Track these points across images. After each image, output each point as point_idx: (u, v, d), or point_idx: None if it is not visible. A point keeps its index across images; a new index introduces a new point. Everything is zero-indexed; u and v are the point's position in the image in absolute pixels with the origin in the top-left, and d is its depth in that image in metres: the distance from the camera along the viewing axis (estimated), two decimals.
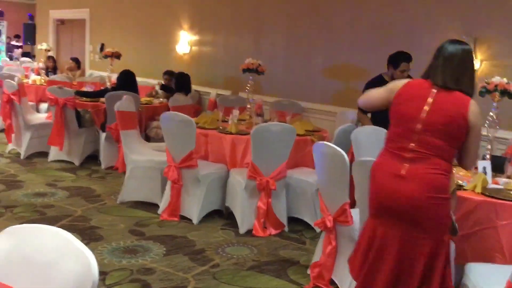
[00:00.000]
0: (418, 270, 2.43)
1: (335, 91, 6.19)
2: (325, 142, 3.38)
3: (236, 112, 5.05)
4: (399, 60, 4.62)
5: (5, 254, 1.40)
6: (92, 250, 3.63)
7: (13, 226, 1.42)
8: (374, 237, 2.55)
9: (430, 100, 2.45)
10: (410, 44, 5.43)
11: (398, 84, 2.63)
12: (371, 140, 4.27)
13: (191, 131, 4.34)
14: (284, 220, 4.41)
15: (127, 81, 6.33)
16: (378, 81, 4.57)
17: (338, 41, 6.14)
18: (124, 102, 5.12)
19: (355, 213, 3.17)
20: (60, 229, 1.35)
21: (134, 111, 5.32)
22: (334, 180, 3.22)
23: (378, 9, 5.73)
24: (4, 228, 1.37)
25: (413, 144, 2.44)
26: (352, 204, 3.24)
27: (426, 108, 2.44)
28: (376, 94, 2.74)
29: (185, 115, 4.44)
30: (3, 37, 17.41)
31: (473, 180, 3.25)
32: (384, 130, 4.35)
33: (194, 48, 8.31)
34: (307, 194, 4.46)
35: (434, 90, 2.47)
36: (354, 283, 3.00)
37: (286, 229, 4.39)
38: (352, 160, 3.60)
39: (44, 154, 6.37)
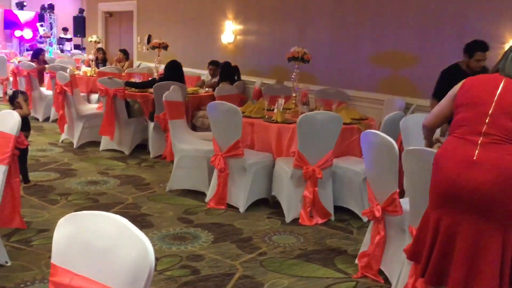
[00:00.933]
0: (492, 262, 2.34)
1: (382, 79, 6.07)
2: (373, 131, 3.33)
3: (281, 101, 5.04)
4: (474, 49, 4.45)
5: (66, 240, 1.47)
6: None
7: (73, 213, 1.48)
8: (439, 229, 2.47)
9: (501, 84, 2.44)
10: (460, 29, 5.26)
11: (457, 85, 2.62)
12: (420, 129, 4.17)
13: (237, 120, 4.37)
14: (331, 209, 4.39)
15: (174, 71, 6.43)
16: (454, 70, 4.50)
17: (385, 28, 6.01)
18: (172, 92, 5.20)
19: (404, 202, 3.11)
20: (118, 216, 1.40)
21: (181, 101, 5.41)
22: (383, 169, 3.17)
23: None
24: (60, 215, 1.43)
25: (485, 127, 2.38)
26: (401, 194, 3.18)
27: (497, 91, 2.42)
28: (442, 105, 2.72)
29: (231, 104, 4.47)
30: (54, 30, 18.01)
31: None
32: None
33: (238, 37, 8.33)
34: (354, 183, 4.42)
35: (502, 78, 2.46)
36: (403, 274, 2.97)
37: (332, 218, 4.37)
38: (400, 148, 3.53)
39: (96, 144, 6.59)
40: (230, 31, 8.38)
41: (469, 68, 4.47)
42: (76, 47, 17.69)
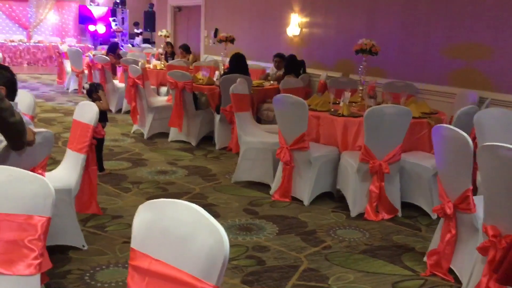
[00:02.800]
0: None
1: (454, 71, 5.84)
2: (446, 125, 3.23)
3: (347, 94, 4.98)
4: None
5: (146, 226, 1.54)
6: None
7: (152, 200, 1.56)
8: None
9: None
10: None
11: None
12: (498, 124, 4.01)
13: (303, 113, 4.36)
14: (398, 205, 4.30)
15: (238, 64, 6.51)
16: None
17: (459, 18, 5.76)
18: (238, 85, 5.28)
19: (478, 200, 3.00)
20: (195, 205, 1.46)
21: (247, 94, 5.47)
22: (455, 165, 3.07)
23: None
24: (132, 203, 1.50)
25: None
26: (474, 191, 3.06)
27: None
28: None
29: (298, 97, 4.47)
30: (127, 24, 18.72)
31: None
32: None
33: (304, 30, 8.29)
34: (423, 179, 4.30)
35: None
36: (475, 273, 2.87)
37: (399, 214, 4.28)
38: (474, 144, 3.39)
39: (165, 135, 6.81)
40: (295, 24, 8.36)
41: None
42: (146, 41, 18.31)
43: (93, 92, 5.15)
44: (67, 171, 3.37)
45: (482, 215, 2.85)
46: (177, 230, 1.45)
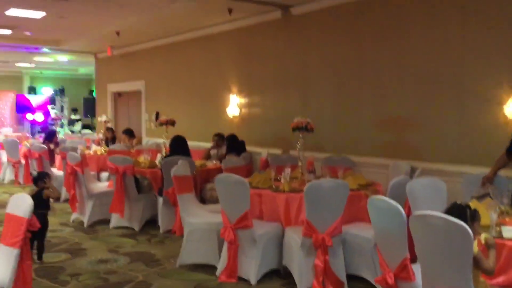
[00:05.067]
0: None
1: (385, 143, 6.17)
2: (379, 196, 3.37)
3: (287, 171, 5.12)
4: None
5: None
6: None
7: None
8: None
9: None
10: (460, 93, 5.41)
11: None
12: (427, 192, 4.21)
13: (245, 191, 4.42)
14: (343, 278, 4.32)
15: (179, 146, 6.58)
16: None
17: (386, 94, 6.19)
18: (180, 167, 5.31)
19: (416, 268, 3.08)
20: None
21: (190, 175, 5.50)
22: (391, 235, 3.17)
23: (423, 59, 5.76)
24: None
25: None
26: (414, 259, 3.15)
27: None
28: None
29: (239, 176, 4.54)
30: (65, 112, 18.59)
31: None
32: (443, 183, 4.30)
33: (243, 110, 8.57)
34: (365, 250, 4.38)
35: None
36: None
37: (345, 287, 4.29)
38: (409, 213, 3.54)
39: (106, 222, 6.62)
40: (235, 105, 8.63)
41: None
42: (86, 126, 18.17)
43: (39, 181, 5.11)
44: (0, 267, 3.18)
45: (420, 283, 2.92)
46: None
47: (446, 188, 4.28)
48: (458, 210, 2.76)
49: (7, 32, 10.22)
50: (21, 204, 3.26)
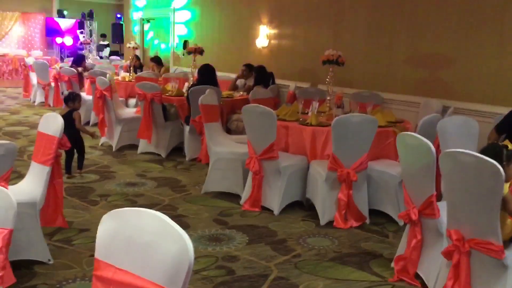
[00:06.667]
0: None
1: (418, 81, 5.99)
2: (409, 133, 3.31)
3: (315, 104, 5.05)
4: None
5: (109, 236, 1.53)
6: None
7: (116, 209, 1.54)
8: None
9: None
10: (501, 29, 5.14)
11: None
12: (460, 132, 4.12)
13: (272, 123, 4.40)
14: (366, 212, 4.36)
15: (207, 75, 6.52)
16: None
17: (422, 29, 5.93)
18: (207, 96, 5.29)
19: (441, 206, 3.07)
20: (159, 212, 1.45)
21: (217, 104, 5.48)
22: (419, 172, 3.14)
23: None
24: (100, 216, 1.49)
25: None
26: (439, 197, 3.14)
27: None
28: None
29: (266, 107, 4.50)
30: (94, 36, 18.52)
31: None
32: (475, 122, 4.18)
33: (273, 41, 8.38)
34: (389, 186, 4.38)
35: None
36: (441, 277, 2.93)
37: (367, 221, 4.34)
38: (438, 151, 3.48)
39: (134, 147, 6.75)
40: (264, 36, 8.44)
41: None
42: (115, 53, 18.13)
43: (70, 101, 5.24)
44: (32, 184, 3.30)
45: (446, 220, 2.92)
46: (141, 238, 1.44)
47: (478, 128, 4.17)
48: (494, 149, 2.68)
49: None
50: (53, 123, 3.32)
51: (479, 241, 2.66)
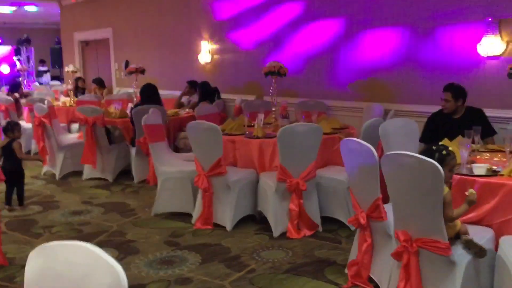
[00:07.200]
0: None
1: (359, 87, 6.11)
2: (352, 138, 3.34)
3: (261, 116, 5.04)
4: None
5: (38, 273, 1.43)
6: (129, 263, 3.69)
7: (44, 244, 1.45)
8: None
9: None
10: (430, 32, 5.33)
11: None
12: (401, 133, 4.22)
13: (217, 138, 4.35)
14: (318, 220, 4.37)
15: (149, 95, 6.40)
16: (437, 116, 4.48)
17: (359, 35, 6.07)
18: (151, 116, 5.18)
19: (388, 208, 3.11)
20: (88, 244, 1.37)
21: (161, 124, 5.38)
22: (364, 176, 3.17)
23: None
24: None
25: None
26: (385, 199, 3.18)
27: None
28: None
29: (210, 123, 4.46)
30: (32, 62, 17.94)
31: (509, 164, 3.16)
32: (415, 123, 4.31)
33: (215, 56, 8.36)
34: (339, 192, 4.42)
35: None
36: (393, 279, 2.95)
37: (320, 229, 4.35)
38: (381, 154, 3.54)
39: (79, 173, 6.52)
40: (206, 51, 8.40)
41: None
42: (55, 78, 17.62)
43: (8, 131, 5.08)
44: None
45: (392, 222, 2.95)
46: (71, 274, 1.35)
47: (417, 128, 4.28)
48: (425, 153, 2.74)
49: None
50: None
51: (426, 240, 2.70)
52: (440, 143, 2.95)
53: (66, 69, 9.76)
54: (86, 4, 11.78)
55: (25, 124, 8.47)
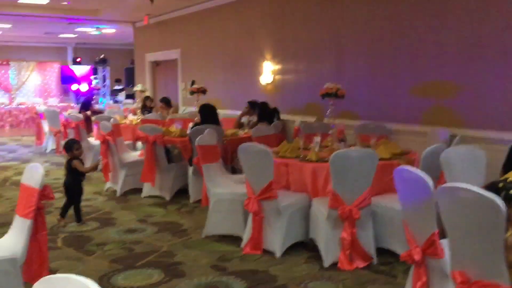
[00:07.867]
0: None
1: (424, 110, 5.79)
2: (406, 167, 3.10)
3: (317, 139, 4.89)
4: None
5: None
6: (174, 286, 3.61)
7: (46, 277, 1.39)
8: None
9: None
10: (504, 54, 4.96)
11: None
12: (466, 162, 3.87)
13: (268, 161, 4.24)
14: (372, 252, 4.11)
15: (207, 114, 6.44)
16: None
17: (424, 57, 5.78)
18: (205, 136, 5.18)
19: (445, 244, 2.83)
20: (88, 280, 1.29)
21: (215, 144, 5.36)
22: (418, 209, 2.92)
23: (465, 21, 5.30)
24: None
25: None
26: (442, 234, 2.90)
27: None
28: None
29: (262, 145, 4.36)
30: (108, 81, 18.87)
31: None
32: (481, 151, 3.93)
33: (277, 77, 8.31)
34: (396, 222, 4.11)
35: None
36: None
37: (374, 261, 4.09)
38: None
39: (139, 191, 6.63)
40: (268, 72, 8.38)
41: None
42: (129, 96, 18.40)
43: (67, 150, 5.24)
44: (13, 238, 3.17)
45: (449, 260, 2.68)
46: None
47: (485, 157, 3.92)
48: (490, 188, 2.45)
49: (44, 1, 10.30)
50: (34, 174, 3.21)
51: (485, 283, 2.41)
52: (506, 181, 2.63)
53: (134, 88, 10.10)
54: (157, 26, 12.22)
55: (94, 141, 8.82)
